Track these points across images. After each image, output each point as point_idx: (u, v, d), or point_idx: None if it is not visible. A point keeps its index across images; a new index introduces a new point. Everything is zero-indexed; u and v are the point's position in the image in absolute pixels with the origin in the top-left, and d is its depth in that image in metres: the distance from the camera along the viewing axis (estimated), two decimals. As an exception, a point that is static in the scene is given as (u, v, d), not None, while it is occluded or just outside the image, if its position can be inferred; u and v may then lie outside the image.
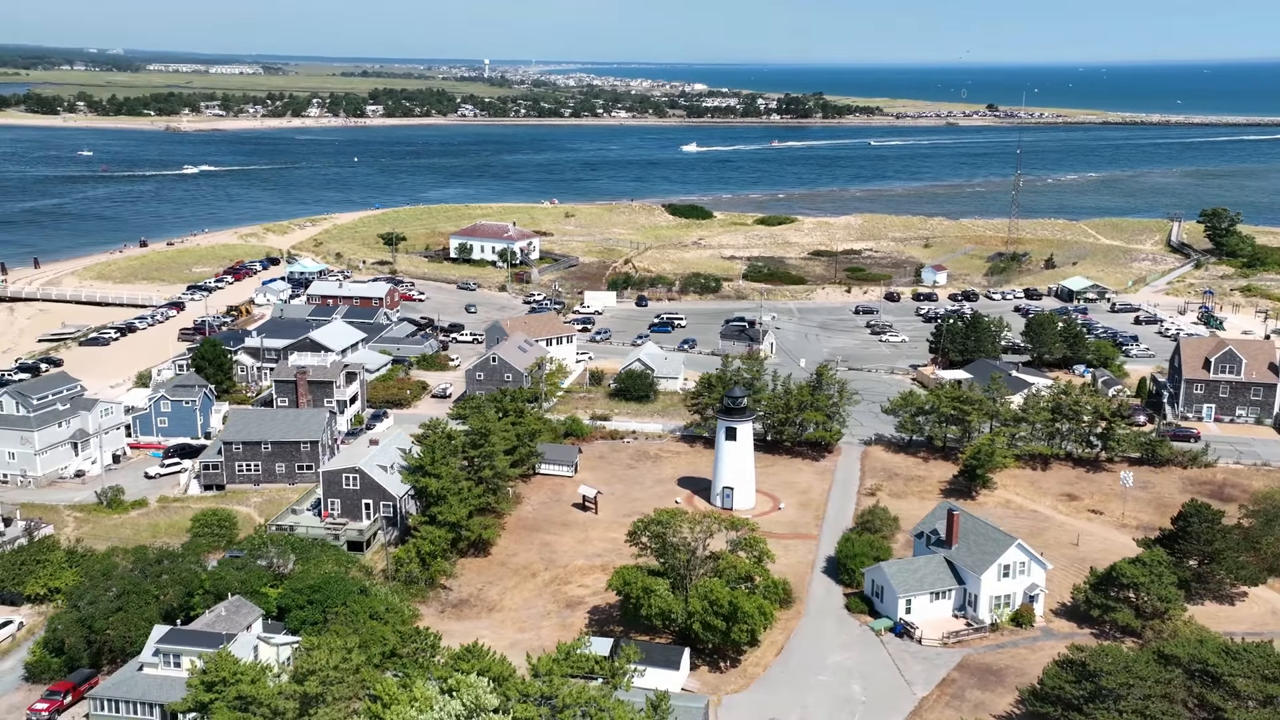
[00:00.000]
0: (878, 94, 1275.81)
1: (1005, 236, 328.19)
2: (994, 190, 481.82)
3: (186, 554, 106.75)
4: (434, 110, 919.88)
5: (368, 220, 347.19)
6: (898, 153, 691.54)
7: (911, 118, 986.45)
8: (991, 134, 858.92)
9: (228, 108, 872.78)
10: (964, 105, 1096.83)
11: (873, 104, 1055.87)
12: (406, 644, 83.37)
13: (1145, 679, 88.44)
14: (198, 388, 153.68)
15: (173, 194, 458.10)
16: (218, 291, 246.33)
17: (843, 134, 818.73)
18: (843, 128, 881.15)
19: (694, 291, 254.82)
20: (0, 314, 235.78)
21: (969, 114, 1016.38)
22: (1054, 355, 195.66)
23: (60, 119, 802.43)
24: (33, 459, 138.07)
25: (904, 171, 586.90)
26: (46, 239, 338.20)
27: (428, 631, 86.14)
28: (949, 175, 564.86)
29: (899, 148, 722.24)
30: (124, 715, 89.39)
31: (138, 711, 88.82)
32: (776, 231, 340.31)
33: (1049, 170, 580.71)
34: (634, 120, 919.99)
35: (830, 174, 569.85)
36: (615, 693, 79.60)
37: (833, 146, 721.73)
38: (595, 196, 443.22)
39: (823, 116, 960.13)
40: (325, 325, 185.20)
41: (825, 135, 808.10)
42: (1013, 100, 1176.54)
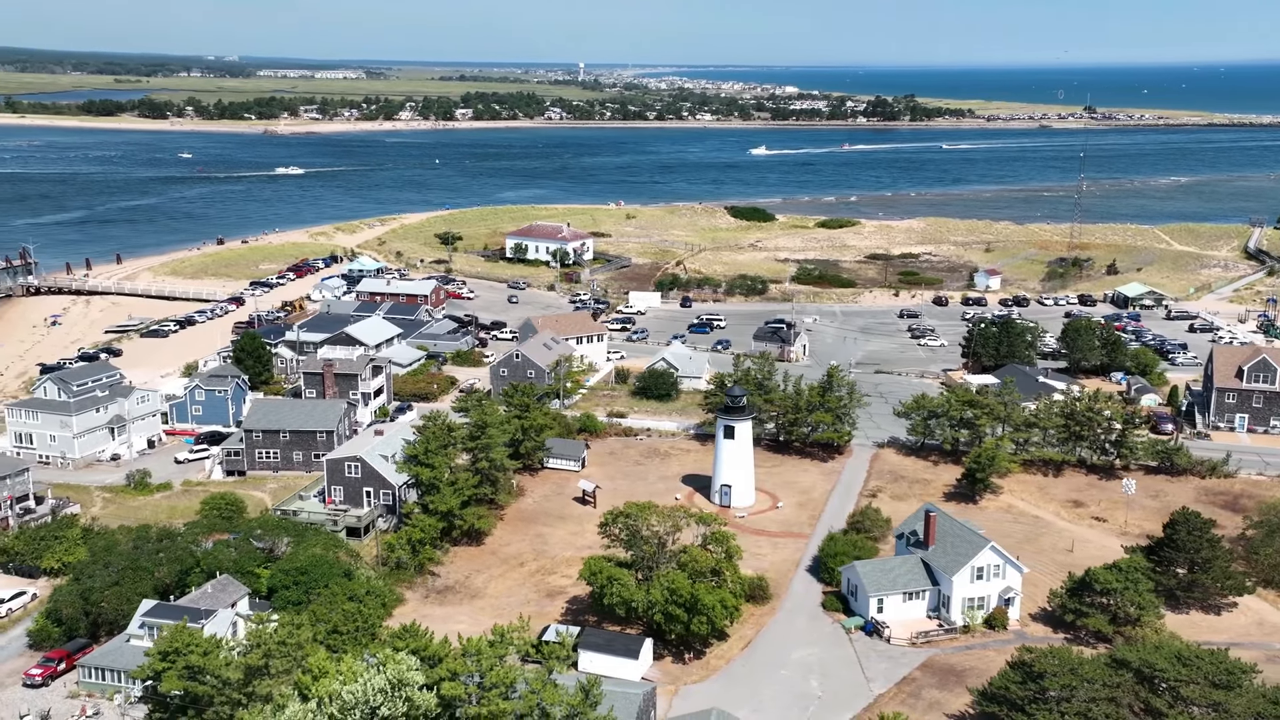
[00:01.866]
0: (973, 96, 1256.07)
1: (1073, 242, 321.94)
2: (1073, 195, 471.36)
3: (185, 534, 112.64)
4: (521, 113, 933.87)
5: (434, 220, 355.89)
6: (984, 156, 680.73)
7: (1003, 120, 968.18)
8: (1085, 137, 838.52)
9: (324, 111, 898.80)
10: (1059, 107, 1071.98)
11: (964, 106, 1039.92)
12: (348, 622, 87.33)
13: (1094, 682, 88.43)
14: (230, 378, 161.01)
15: (261, 194, 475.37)
16: (278, 288, 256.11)
17: (923, 137, 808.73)
18: (927, 131, 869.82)
19: (740, 293, 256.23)
20: (78, 306, 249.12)
21: (1064, 116, 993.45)
22: (1091, 362, 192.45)
23: (168, 123, 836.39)
24: (71, 442, 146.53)
25: (988, 175, 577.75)
26: (138, 235, 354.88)
27: (369, 612, 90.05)
28: (1035, 178, 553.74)
29: (985, 151, 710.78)
30: (109, 683, 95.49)
31: (121, 680, 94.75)
32: (835, 234, 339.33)
33: (1139, 174, 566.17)
34: (717, 123, 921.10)
35: (910, 177, 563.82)
36: (551, 676, 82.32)
37: (909, 150, 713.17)
38: (668, 199, 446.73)
39: (910, 119, 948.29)
40: (362, 321, 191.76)
41: (908, 138, 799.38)
42: (1115, 102, 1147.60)
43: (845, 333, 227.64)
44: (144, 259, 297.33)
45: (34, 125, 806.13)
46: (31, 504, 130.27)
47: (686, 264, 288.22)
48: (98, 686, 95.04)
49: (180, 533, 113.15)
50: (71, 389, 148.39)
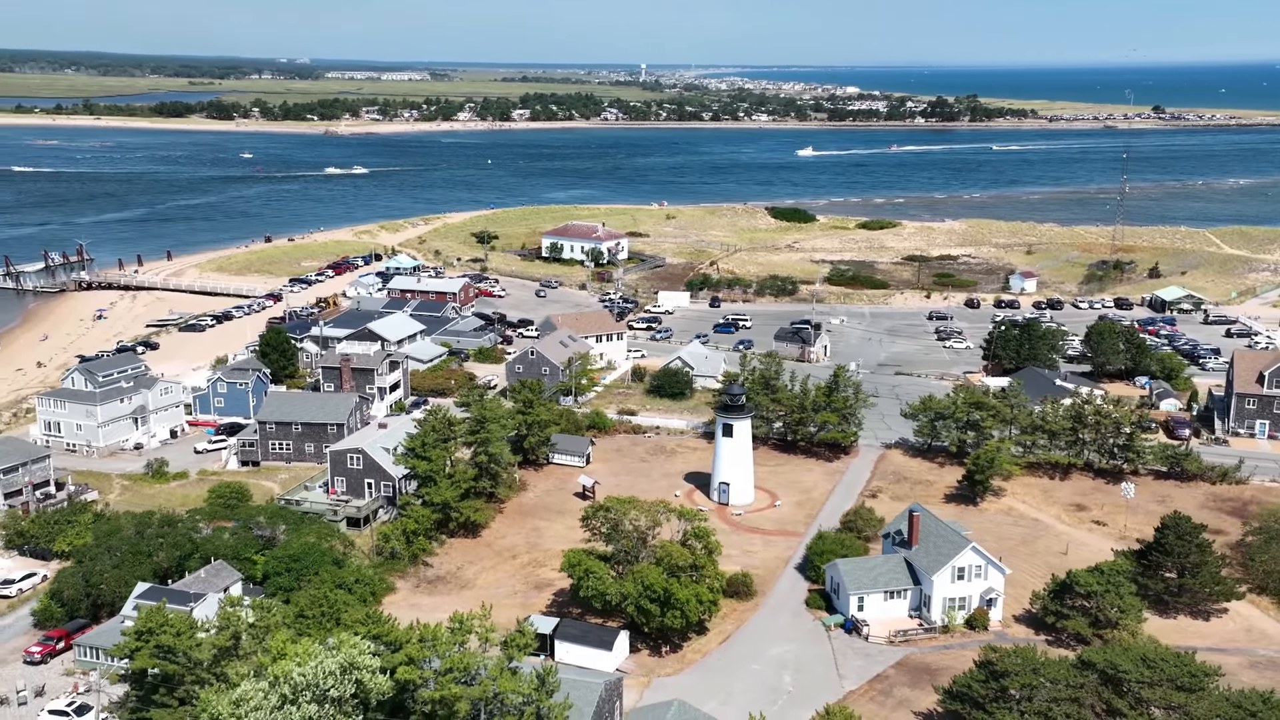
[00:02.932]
0: (1039, 96, 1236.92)
1: (1118, 244, 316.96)
2: (1130, 197, 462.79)
3: (186, 521, 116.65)
4: (577, 113, 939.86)
5: (476, 220, 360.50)
6: (1042, 157, 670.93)
7: (1065, 121, 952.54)
8: (1152, 138, 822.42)
9: (384, 113, 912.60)
10: (1126, 108, 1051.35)
11: (1027, 106, 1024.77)
12: (314, 607, 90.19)
13: (1058, 682, 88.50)
14: (251, 371, 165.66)
15: (316, 193, 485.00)
16: (317, 284, 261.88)
17: (981, 138, 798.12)
18: (985, 132, 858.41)
19: (770, 294, 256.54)
20: (125, 301, 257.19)
21: (1130, 117, 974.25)
22: (1115, 365, 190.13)
23: (234, 124, 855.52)
24: (96, 431, 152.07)
25: (1045, 177, 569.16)
26: (193, 233, 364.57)
27: (335, 598, 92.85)
28: (1093, 180, 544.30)
29: (1043, 152, 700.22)
30: (102, 662, 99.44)
31: (113, 660, 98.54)
32: (874, 236, 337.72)
33: (1204, 175, 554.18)
34: (773, 124, 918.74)
35: (964, 179, 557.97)
36: (511, 664, 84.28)
37: (962, 151, 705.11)
38: (716, 199, 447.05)
39: (970, 120, 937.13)
40: (386, 317, 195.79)
41: (966, 139, 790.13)
42: (1190, 102, 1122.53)
43: (871, 334, 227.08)
44: (193, 256, 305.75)
45: (108, 126, 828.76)
46: (52, 489, 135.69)
47: (720, 264, 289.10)
48: (91, 665, 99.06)
49: (182, 519, 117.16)
50: (97, 380, 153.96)
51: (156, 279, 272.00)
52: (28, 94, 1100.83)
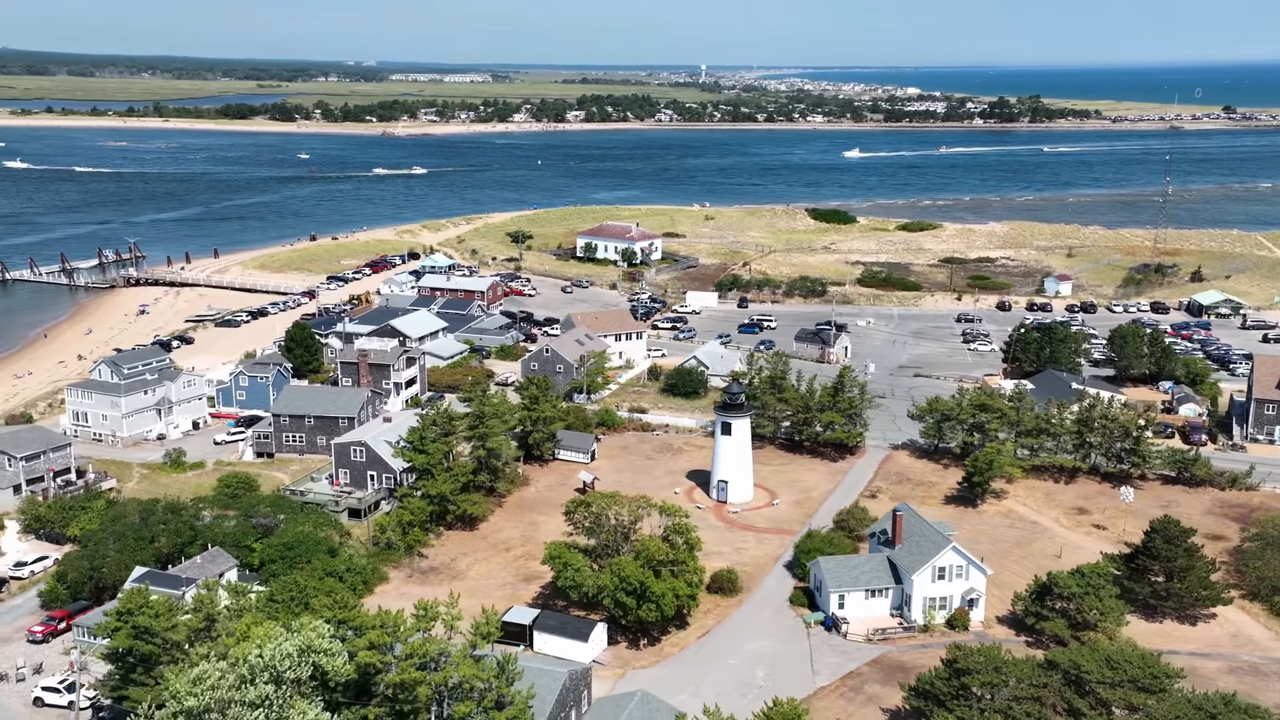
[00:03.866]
0: (1105, 96, 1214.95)
1: (1161, 247, 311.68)
2: (1188, 199, 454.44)
3: (189, 509, 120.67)
4: (632, 114, 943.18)
5: (518, 220, 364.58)
6: (1101, 159, 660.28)
7: (1130, 122, 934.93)
8: (1220, 138, 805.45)
9: (442, 114, 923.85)
10: (1195, 107, 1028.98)
11: (1090, 107, 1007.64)
12: (283, 592, 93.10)
13: (1022, 681, 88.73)
14: (272, 365, 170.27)
15: (368, 193, 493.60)
16: (353, 282, 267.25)
17: (1041, 139, 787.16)
18: (1046, 133, 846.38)
19: (799, 295, 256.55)
20: (168, 297, 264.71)
21: (1198, 117, 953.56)
22: (1139, 369, 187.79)
23: (296, 125, 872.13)
24: (120, 421, 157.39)
25: (1103, 178, 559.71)
26: (245, 231, 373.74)
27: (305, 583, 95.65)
28: (1153, 182, 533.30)
29: (1103, 153, 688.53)
30: (98, 642, 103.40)
31: (97, 639, 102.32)
32: (913, 237, 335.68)
33: (1271, 178, 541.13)
34: (828, 125, 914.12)
35: (1018, 180, 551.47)
36: (474, 652, 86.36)
37: (1018, 152, 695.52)
38: (763, 200, 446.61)
39: (1029, 121, 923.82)
40: (410, 314, 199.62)
41: (1025, 140, 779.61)
42: (1263, 101, 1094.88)
43: (897, 336, 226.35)
44: (238, 254, 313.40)
45: (176, 128, 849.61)
46: (73, 476, 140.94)
47: (754, 265, 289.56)
48: (88, 645, 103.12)
49: (186, 507, 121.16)
50: (123, 372, 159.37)
51: (200, 276, 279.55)
52: (105, 97, 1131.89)
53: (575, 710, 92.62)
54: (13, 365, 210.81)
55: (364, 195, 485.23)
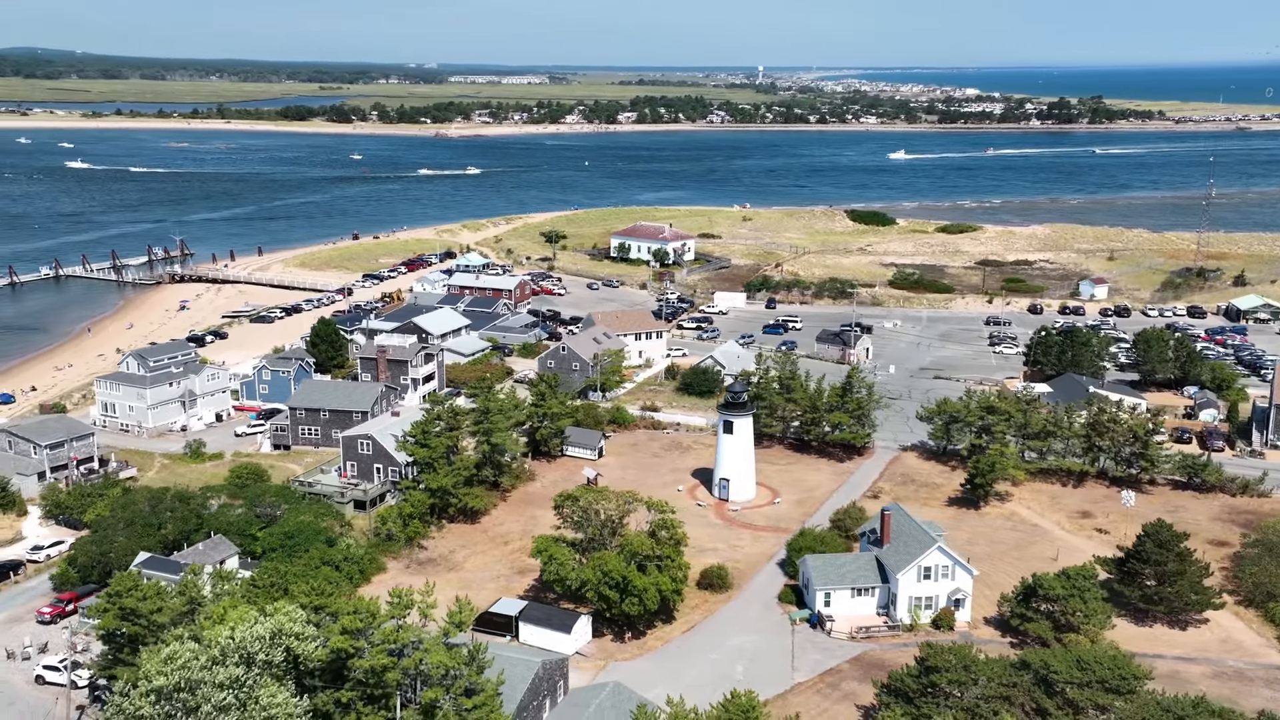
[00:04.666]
0: (1169, 96, 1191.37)
1: (1207, 251, 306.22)
2: (1248, 202, 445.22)
3: (197, 498, 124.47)
4: (684, 116, 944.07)
5: (557, 220, 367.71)
6: (1160, 160, 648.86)
7: (1194, 123, 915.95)
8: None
9: (495, 116, 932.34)
10: (1265, 108, 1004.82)
11: (1153, 108, 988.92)
12: (264, 577, 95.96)
13: (992, 680, 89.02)
14: (294, 360, 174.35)
15: (416, 193, 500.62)
16: (389, 280, 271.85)
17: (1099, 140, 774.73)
18: (1106, 134, 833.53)
19: (828, 296, 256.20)
20: (210, 293, 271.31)
21: (1266, 117, 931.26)
22: (1163, 374, 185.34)
23: (352, 127, 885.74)
24: (145, 412, 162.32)
25: (1161, 180, 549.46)
26: (293, 229, 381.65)
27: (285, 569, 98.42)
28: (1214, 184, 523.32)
29: (1162, 155, 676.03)
30: (95, 623, 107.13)
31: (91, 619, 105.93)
32: (951, 239, 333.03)
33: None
34: (881, 126, 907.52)
35: (1072, 182, 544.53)
36: (447, 639, 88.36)
37: (1072, 154, 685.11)
38: (807, 201, 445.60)
39: (1089, 122, 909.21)
40: (433, 312, 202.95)
41: (1084, 141, 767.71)
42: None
43: (923, 338, 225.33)
44: (282, 252, 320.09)
45: (236, 129, 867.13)
46: (95, 465, 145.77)
47: (786, 266, 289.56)
48: (89, 626, 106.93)
49: (194, 496, 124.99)
50: (148, 365, 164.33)
51: (242, 273, 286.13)
52: (173, 100, 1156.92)
53: (550, 700, 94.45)
54: (55, 358, 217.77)
55: (412, 195, 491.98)
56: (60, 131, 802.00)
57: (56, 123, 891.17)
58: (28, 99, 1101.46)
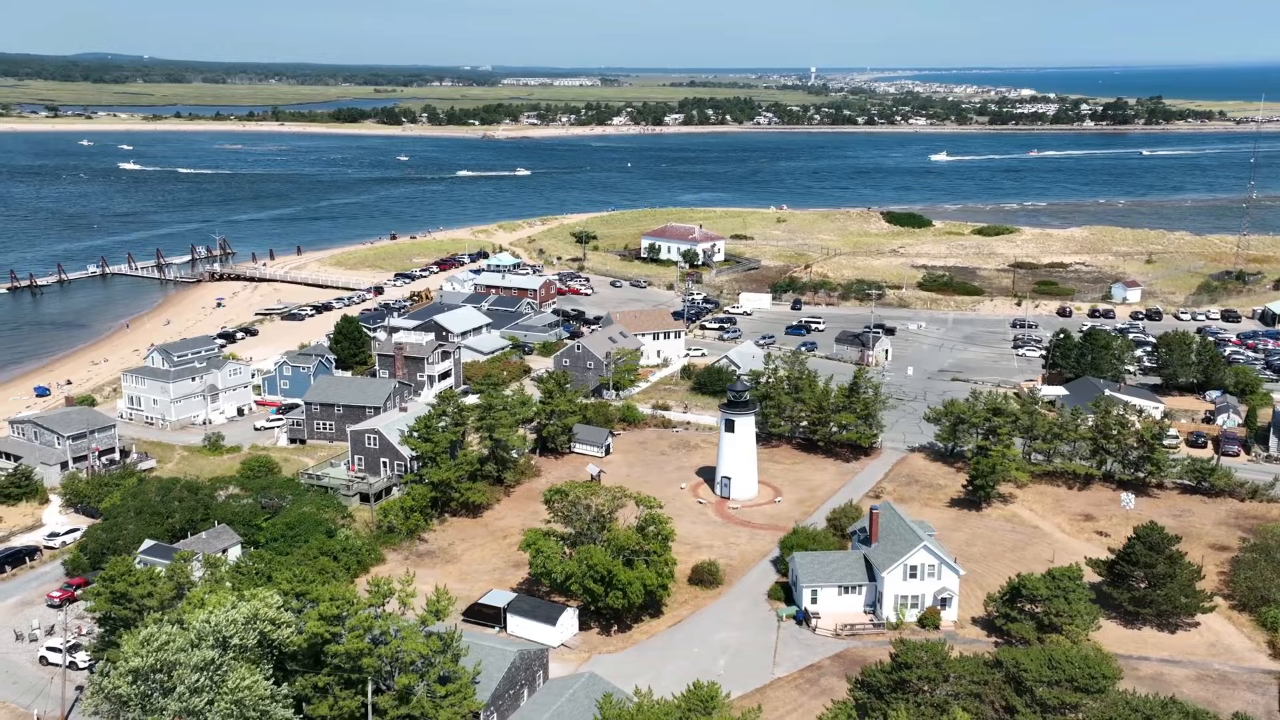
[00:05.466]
0: (1235, 96, 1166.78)
1: (1248, 254, 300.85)
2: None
3: (205, 488, 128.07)
4: (731, 118, 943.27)
5: (592, 221, 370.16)
6: (1217, 161, 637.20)
7: (1256, 123, 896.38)
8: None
9: (543, 118, 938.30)
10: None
11: (1214, 108, 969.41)
12: (250, 564, 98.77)
13: (962, 678, 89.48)
14: (315, 356, 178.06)
15: (460, 194, 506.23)
16: (420, 279, 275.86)
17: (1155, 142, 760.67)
18: (1162, 135, 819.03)
19: (854, 297, 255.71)
20: (246, 291, 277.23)
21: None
22: (1185, 378, 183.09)
23: (401, 129, 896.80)
24: (169, 405, 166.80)
25: (1217, 183, 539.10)
26: (335, 229, 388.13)
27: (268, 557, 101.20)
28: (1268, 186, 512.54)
29: (1218, 156, 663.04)
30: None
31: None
32: (986, 242, 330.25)
33: None
34: (930, 128, 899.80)
35: (1122, 184, 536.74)
36: (426, 628, 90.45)
37: (1121, 156, 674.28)
38: (848, 203, 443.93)
39: (1145, 123, 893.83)
40: (454, 310, 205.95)
41: (1139, 143, 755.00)
42: None
43: (946, 340, 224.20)
44: (320, 251, 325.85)
45: (288, 132, 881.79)
46: (116, 456, 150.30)
47: (815, 268, 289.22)
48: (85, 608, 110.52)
49: (203, 486, 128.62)
50: (172, 360, 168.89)
51: (279, 271, 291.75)
52: (232, 102, 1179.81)
53: (529, 689, 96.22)
54: (94, 352, 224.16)
55: (455, 196, 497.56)
56: (121, 134, 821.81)
57: (118, 125, 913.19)
58: (95, 103, 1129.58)
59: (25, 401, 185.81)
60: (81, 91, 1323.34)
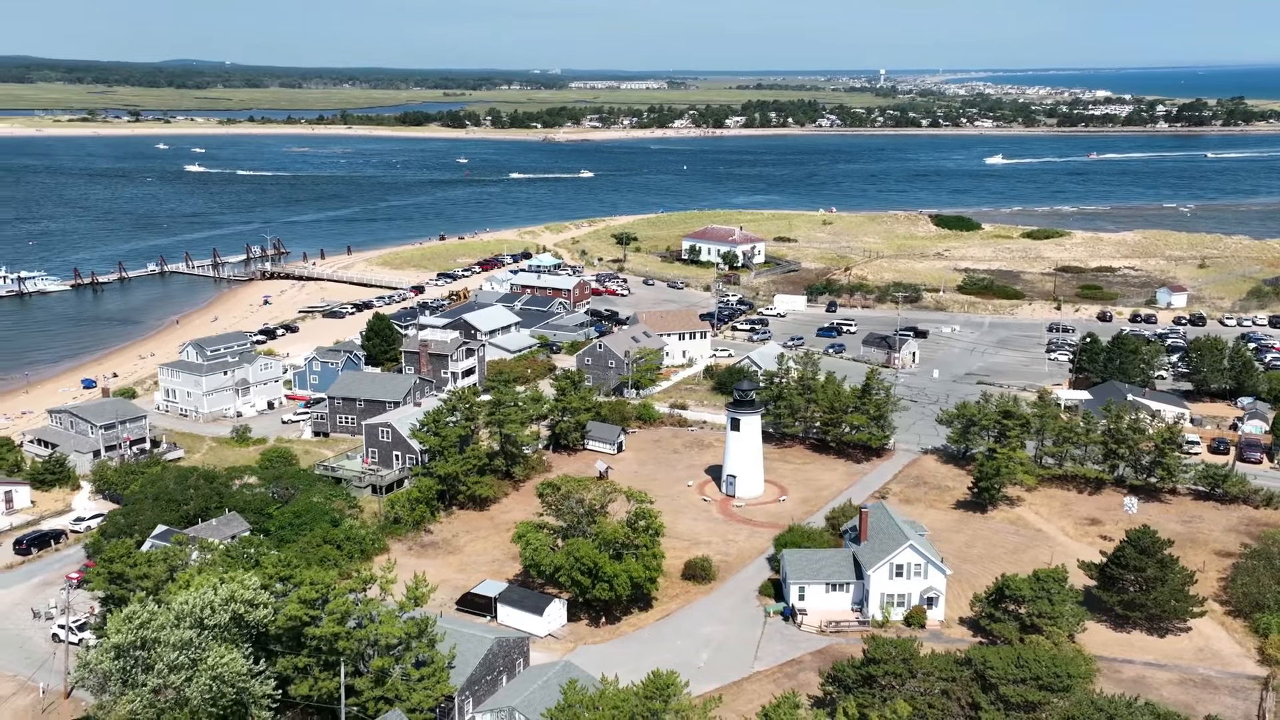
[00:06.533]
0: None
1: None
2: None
3: (221, 477, 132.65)
4: (794, 120, 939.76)
5: (638, 223, 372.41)
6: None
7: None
8: None
9: (604, 120, 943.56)
10: None
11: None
12: (238, 549, 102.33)
13: (930, 674, 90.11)
14: (343, 352, 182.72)
15: (515, 195, 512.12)
16: (462, 279, 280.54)
17: (1234, 144, 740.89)
18: (1241, 137, 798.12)
19: (890, 300, 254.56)
20: (293, 289, 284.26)
21: None
22: (1217, 384, 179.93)
23: (465, 131, 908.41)
24: (201, 398, 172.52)
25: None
26: (389, 230, 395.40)
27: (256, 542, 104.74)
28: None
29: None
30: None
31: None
32: (1033, 245, 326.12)
33: None
34: (996, 130, 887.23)
35: (1193, 186, 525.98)
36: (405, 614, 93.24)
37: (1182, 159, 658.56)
38: (900, 206, 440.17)
39: (1222, 124, 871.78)
40: (483, 309, 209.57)
41: (1215, 145, 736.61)
42: None
43: (979, 344, 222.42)
44: (369, 251, 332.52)
45: (355, 134, 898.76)
46: (147, 445, 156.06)
47: (855, 270, 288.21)
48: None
49: (219, 475, 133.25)
50: (205, 354, 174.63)
51: (327, 270, 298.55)
52: (306, 107, 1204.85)
53: (507, 675, 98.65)
54: (143, 347, 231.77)
55: (510, 198, 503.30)
56: (195, 137, 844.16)
57: (194, 129, 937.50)
58: (176, 107, 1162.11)
59: (73, 393, 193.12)
60: (165, 97, 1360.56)
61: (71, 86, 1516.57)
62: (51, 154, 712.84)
